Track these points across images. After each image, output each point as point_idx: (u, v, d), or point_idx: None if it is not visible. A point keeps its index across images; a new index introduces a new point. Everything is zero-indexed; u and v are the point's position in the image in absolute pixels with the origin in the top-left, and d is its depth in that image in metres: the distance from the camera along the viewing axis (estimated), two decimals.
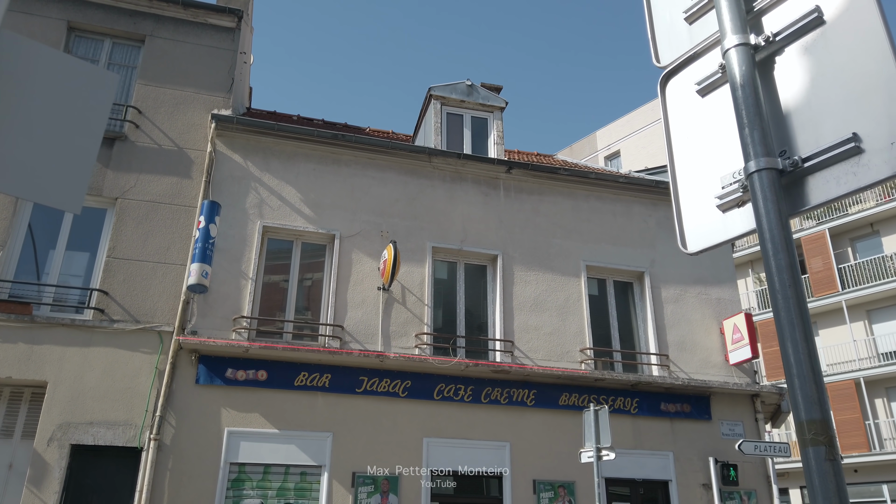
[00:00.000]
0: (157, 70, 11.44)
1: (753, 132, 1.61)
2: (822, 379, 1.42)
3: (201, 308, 10.02)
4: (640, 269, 12.35)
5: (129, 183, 10.57)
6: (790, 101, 1.66)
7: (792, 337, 1.45)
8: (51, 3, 11.28)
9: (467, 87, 13.25)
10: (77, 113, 1.91)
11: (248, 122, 11.06)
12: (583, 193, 12.67)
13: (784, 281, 1.48)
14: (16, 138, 1.78)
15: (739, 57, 1.68)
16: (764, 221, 1.54)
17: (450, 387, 10.57)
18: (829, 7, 1.63)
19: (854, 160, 1.50)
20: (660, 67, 2.03)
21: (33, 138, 1.81)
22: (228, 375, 9.76)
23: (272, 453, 9.64)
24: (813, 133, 1.59)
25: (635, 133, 33.19)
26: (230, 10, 11.99)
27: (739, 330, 11.69)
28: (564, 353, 11.36)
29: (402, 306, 10.93)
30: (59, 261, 10.13)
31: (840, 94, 1.56)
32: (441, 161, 11.98)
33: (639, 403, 11.28)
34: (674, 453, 11.18)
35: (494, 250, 11.74)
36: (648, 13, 2.11)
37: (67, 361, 9.39)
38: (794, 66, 1.67)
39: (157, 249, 10.30)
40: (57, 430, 9.06)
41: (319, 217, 11.12)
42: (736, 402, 11.81)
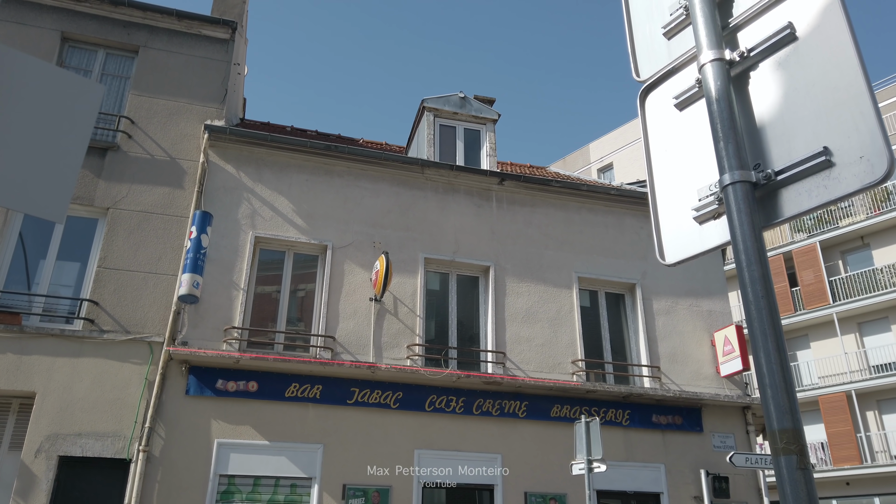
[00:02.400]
0: (151, 80, 11.46)
1: (728, 146, 1.64)
2: (793, 389, 1.44)
3: (192, 319, 9.99)
4: (632, 280, 12.39)
5: (121, 193, 10.56)
6: (764, 115, 1.69)
7: (765, 347, 1.47)
8: (45, 14, 11.31)
9: (460, 100, 13.33)
10: (62, 123, 1.93)
11: (241, 133, 11.09)
12: (575, 205, 12.72)
13: (757, 292, 1.50)
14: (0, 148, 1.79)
15: (715, 72, 1.72)
16: (738, 233, 1.56)
17: (441, 398, 10.55)
18: (801, 23, 1.66)
19: (825, 173, 1.53)
20: (639, 81, 2.06)
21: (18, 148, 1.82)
22: (219, 386, 9.71)
23: (262, 465, 9.59)
24: (786, 146, 1.62)
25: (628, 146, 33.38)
26: (224, 22, 12.04)
27: (730, 342, 11.73)
28: (556, 364, 11.36)
29: (394, 317, 10.92)
30: (50, 270, 10.09)
31: (811, 108, 1.59)
32: (434, 172, 12.02)
33: (630, 415, 11.28)
34: (665, 465, 11.17)
35: (487, 261, 11.76)
36: (629, 28, 2.15)
37: (56, 372, 9.33)
38: (768, 80, 1.71)
39: (149, 259, 10.27)
40: (45, 441, 8.99)
41: (312, 228, 11.12)
42: (727, 414, 11.83)
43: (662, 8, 2.02)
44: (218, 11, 12.62)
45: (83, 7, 11.51)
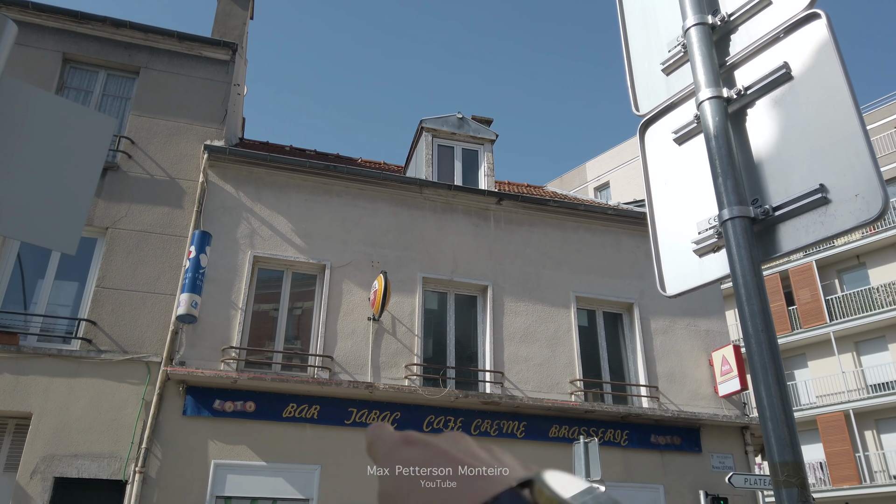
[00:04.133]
0: (151, 101, 11.55)
1: (727, 181, 1.68)
2: (793, 421, 1.46)
3: (190, 338, 9.97)
4: (630, 300, 12.42)
5: (121, 213, 10.59)
6: (761, 152, 1.74)
7: (765, 381, 1.50)
8: (46, 35, 11.41)
9: (458, 120, 13.44)
10: (74, 156, 1.97)
11: (240, 153, 11.15)
12: (572, 225, 12.78)
13: (757, 326, 1.53)
14: (13, 181, 1.83)
15: (713, 109, 1.76)
16: (737, 267, 1.60)
17: (439, 418, 10.52)
18: (796, 63, 1.71)
19: (821, 210, 1.57)
20: (639, 115, 2.11)
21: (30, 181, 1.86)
22: (216, 407, 9.68)
23: (259, 486, 9.52)
24: (783, 183, 1.66)
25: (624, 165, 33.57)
26: (224, 43, 12.16)
27: (728, 362, 11.74)
28: (554, 384, 11.35)
29: (392, 337, 10.92)
30: (48, 290, 10.09)
31: (807, 146, 1.64)
32: (432, 192, 12.08)
33: (629, 436, 11.25)
34: (664, 486, 11.12)
35: (485, 281, 11.79)
36: (628, 63, 2.20)
37: (53, 392, 9.29)
38: (765, 118, 1.75)
39: (147, 279, 10.28)
40: (41, 462, 8.93)
41: (310, 247, 11.15)
42: (726, 434, 11.80)
43: (661, 44, 2.08)
44: (218, 33, 12.75)
45: (85, 29, 11.62)
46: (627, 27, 2.23)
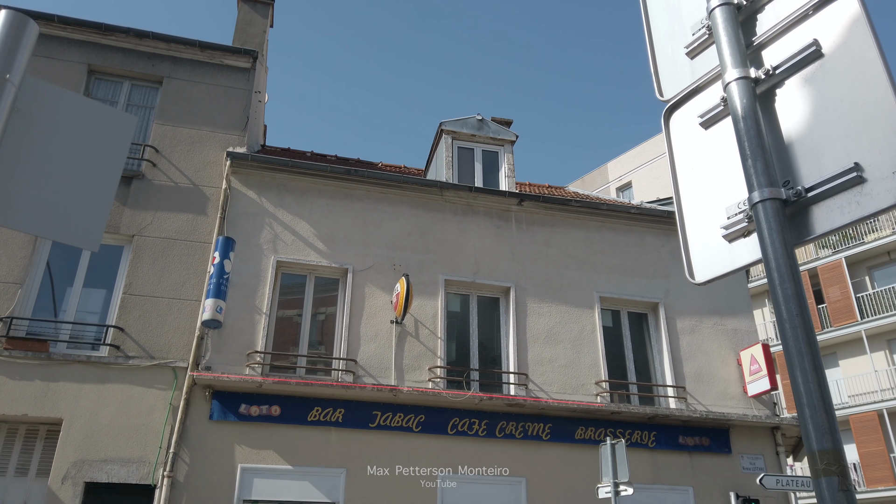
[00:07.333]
0: (175, 110, 11.70)
1: (756, 163, 1.63)
2: (832, 408, 1.41)
3: (215, 343, 10.06)
4: (655, 299, 12.27)
5: (146, 220, 10.73)
6: (792, 132, 1.68)
7: (801, 366, 1.44)
8: (72, 48, 11.63)
9: (478, 122, 13.41)
10: (96, 154, 1.98)
11: (262, 160, 11.24)
12: (595, 225, 12.67)
13: (791, 310, 1.48)
14: (37, 179, 1.84)
15: (740, 90, 1.71)
16: (769, 251, 1.55)
17: (464, 421, 10.47)
18: (827, 40, 1.66)
19: (857, 189, 1.52)
20: (663, 101, 2.06)
21: (54, 179, 1.87)
22: (242, 411, 9.74)
23: (286, 490, 9.56)
24: (815, 163, 1.61)
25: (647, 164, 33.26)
26: (245, 51, 12.28)
27: (757, 361, 11.53)
28: (579, 385, 11.24)
29: (416, 340, 10.91)
30: (77, 298, 10.24)
31: (840, 124, 1.59)
32: (453, 194, 12.06)
33: (656, 437, 11.09)
34: (693, 488, 10.94)
35: (507, 282, 11.73)
36: (651, 48, 2.16)
37: (83, 398, 9.42)
38: (795, 97, 1.70)
39: (173, 285, 10.39)
40: (71, 467, 9.06)
41: (332, 251, 11.19)
42: (756, 434, 11.59)
43: (685, 28, 2.03)
44: (239, 41, 12.88)
45: (109, 40, 11.81)
46: (650, 10, 2.18)
